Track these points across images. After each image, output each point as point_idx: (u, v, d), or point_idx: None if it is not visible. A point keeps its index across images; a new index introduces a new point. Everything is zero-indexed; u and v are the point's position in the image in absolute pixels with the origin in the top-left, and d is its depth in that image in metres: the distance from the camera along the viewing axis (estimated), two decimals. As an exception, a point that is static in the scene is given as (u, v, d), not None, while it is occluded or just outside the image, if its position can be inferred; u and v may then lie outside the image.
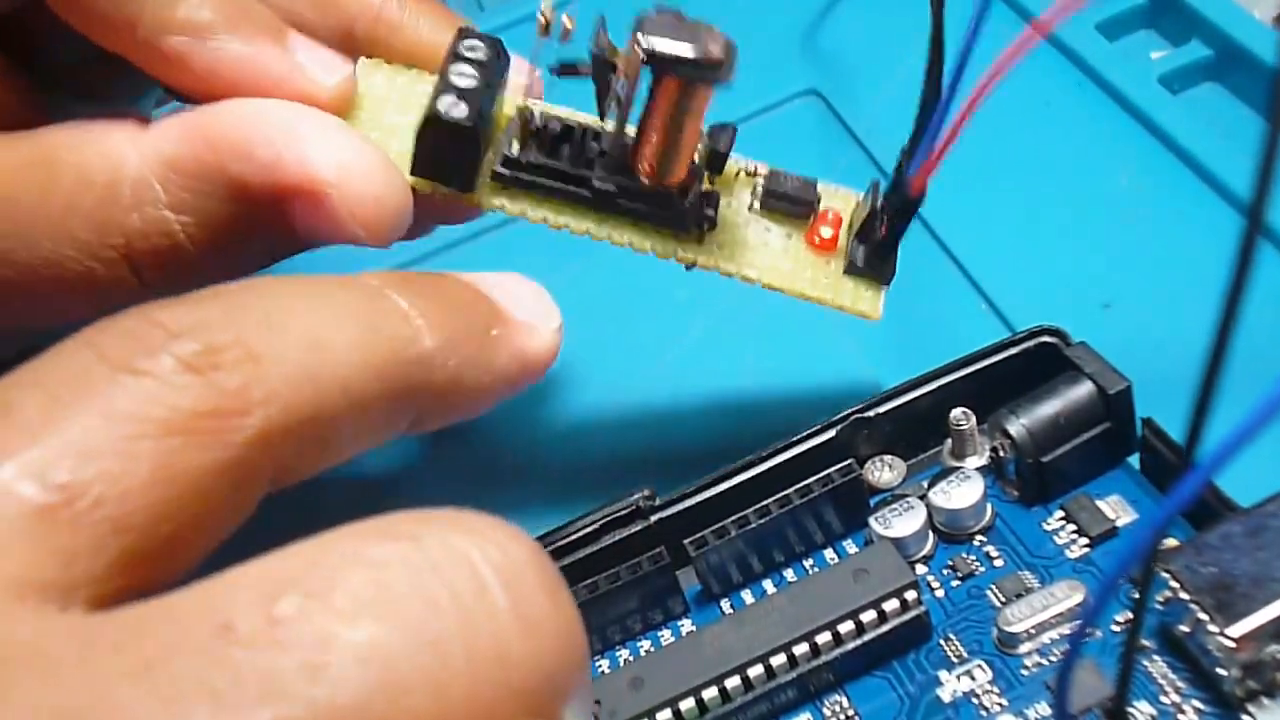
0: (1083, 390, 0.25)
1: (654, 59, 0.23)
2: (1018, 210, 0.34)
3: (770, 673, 0.23)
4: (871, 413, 0.27)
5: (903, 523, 0.25)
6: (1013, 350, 0.27)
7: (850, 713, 0.24)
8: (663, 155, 0.26)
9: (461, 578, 0.15)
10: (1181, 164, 0.34)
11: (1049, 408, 0.25)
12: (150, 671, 0.14)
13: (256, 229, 0.25)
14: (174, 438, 0.16)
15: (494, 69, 0.26)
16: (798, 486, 0.26)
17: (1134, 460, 0.26)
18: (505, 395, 0.23)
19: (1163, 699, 0.22)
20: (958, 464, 0.27)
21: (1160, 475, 0.25)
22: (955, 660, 0.24)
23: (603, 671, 0.26)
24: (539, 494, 0.31)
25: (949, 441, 0.27)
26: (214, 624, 0.14)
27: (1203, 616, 0.21)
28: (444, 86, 0.25)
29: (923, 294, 0.33)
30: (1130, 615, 0.23)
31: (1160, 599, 0.22)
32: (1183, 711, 0.22)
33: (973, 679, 0.23)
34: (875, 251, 0.27)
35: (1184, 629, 0.22)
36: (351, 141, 0.25)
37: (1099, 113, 0.36)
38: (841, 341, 0.32)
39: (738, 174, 0.28)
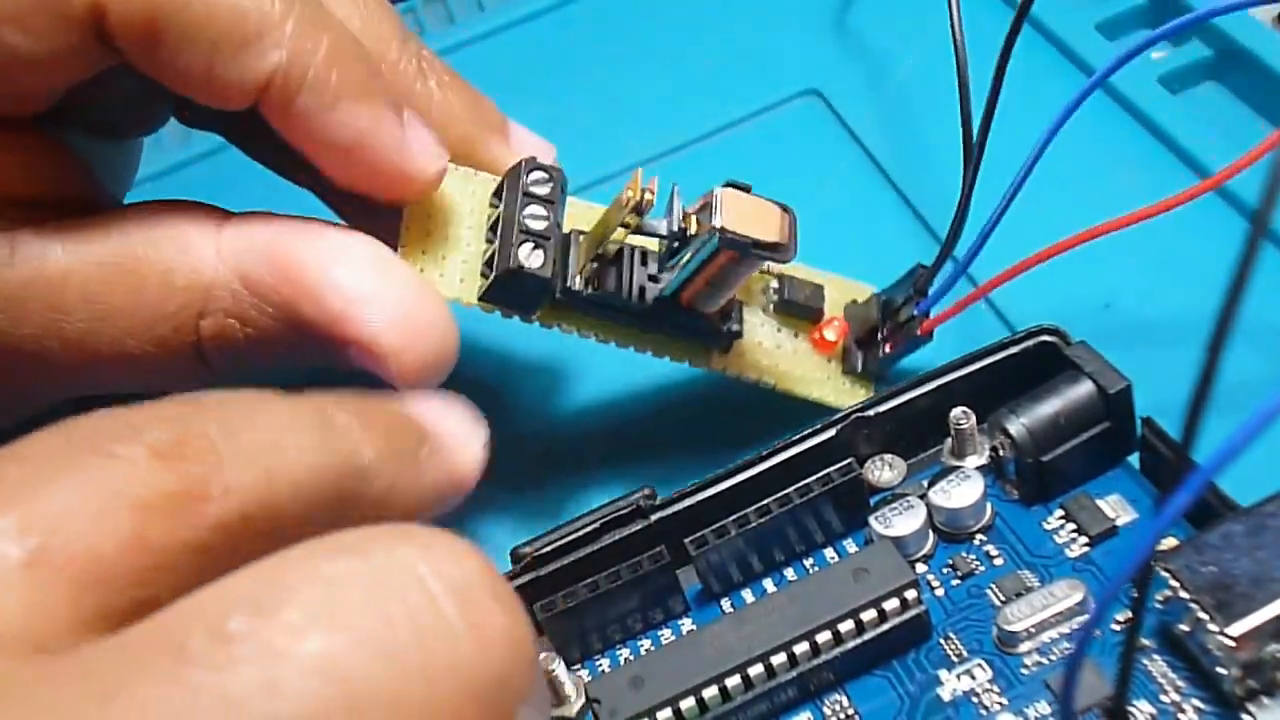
0: (1083, 390, 0.25)
1: (725, 239, 0.26)
2: (1017, 210, 0.34)
3: (770, 672, 0.24)
4: (871, 411, 0.27)
5: (903, 522, 0.25)
6: (1013, 349, 0.27)
7: (850, 712, 0.24)
8: (709, 295, 0.28)
9: (412, 590, 0.16)
10: (1181, 164, 0.34)
11: (1049, 407, 0.25)
12: (112, 698, 0.14)
13: (309, 346, 0.27)
14: (145, 513, 0.17)
15: (559, 201, 0.28)
16: (798, 486, 0.26)
17: (1134, 460, 0.26)
18: (438, 507, 0.24)
19: (1162, 698, 0.22)
20: (958, 463, 0.27)
21: (1160, 474, 0.25)
22: (955, 659, 0.24)
23: (603, 670, 0.26)
24: (540, 493, 0.31)
25: (949, 441, 0.27)
26: (169, 647, 0.15)
27: (1202, 616, 0.21)
28: (521, 232, 0.28)
29: None
30: (1130, 614, 0.23)
31: (1160, 598, 0.22)
32: (1182, 711, 0.22)
33: (973, 678, 0.23)
34: (874, 360, 0.30)
35: (1183, 628, 0.22)
36: (421, 306, 0.26)
37: (1099, 113, 0.36)
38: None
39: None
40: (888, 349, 0.30)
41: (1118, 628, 0.23)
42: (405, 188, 0.27)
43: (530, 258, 0.27)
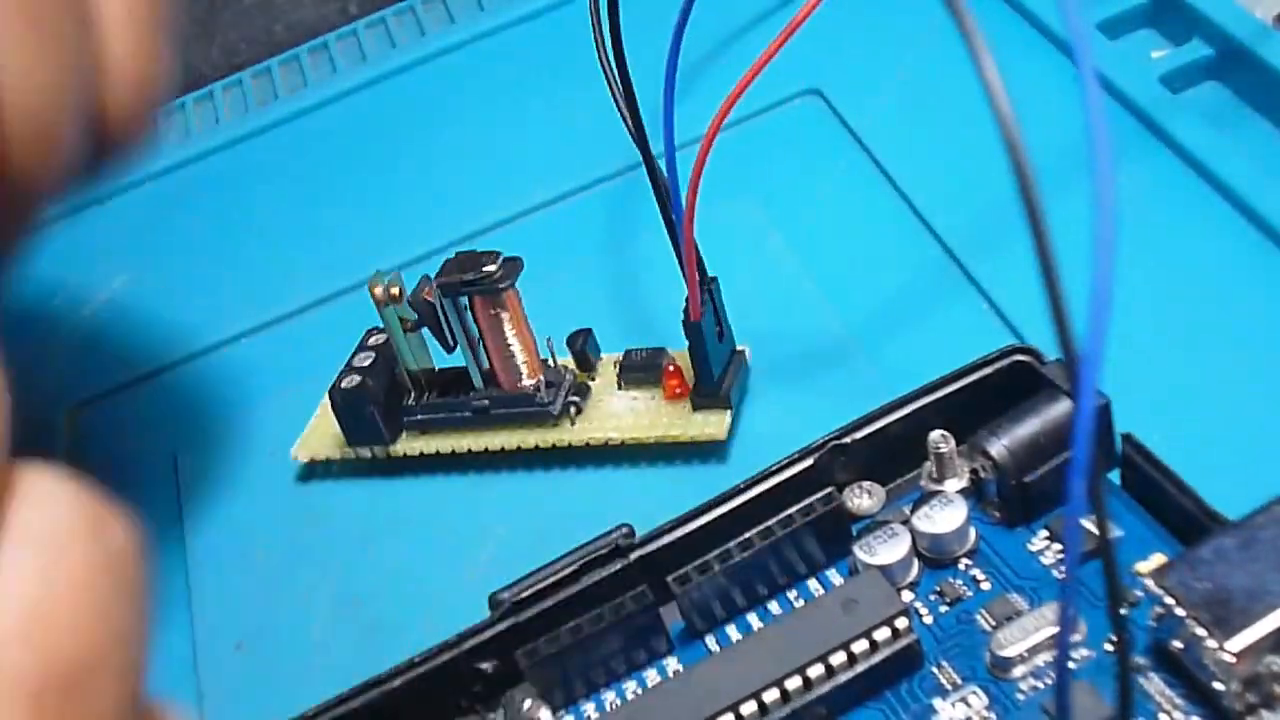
0: (1062, 408, 0.25)
1: (444, 289, 0.30)
2: (1017, 211, 0.34)
3: (763, 709, 0.23)
4: (848, 439, 0.27)
5: (888, 550, 0.25)
6: (986, 370, 0.27)
7: (845, 745, 0.23)
8: (505, 362, 0.32)
9: None
10: (1182, 164, 0.34)
11: (1029, 427, 0.25)
12: None
13: None
14: None
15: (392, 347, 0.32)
16: (779, 517, 0.25)
17: (1114, 476, 0.26)
18: None
19: (1161, 717, 0.22)
20: (938, 487, 0.26)
21: (1142, 490, 0.25)
22: (949, 687, 0.23)
23: (589, 716, 0.25)
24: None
25: (927, 465, 0.27)
26: None
27: (1200, 631, 0.21)
28: (347, 369, 0.33)
29: (923, 295, 0.33)
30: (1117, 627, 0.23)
31: (1153, 615, 0.22)
32: (1183, 728, 0.21)
33: (968, 705, 0.23)
34: (705, 382, 0.31)
35: (1178, 645, 0.22)
36: None
37: None
38: (845, 346, 0.32)
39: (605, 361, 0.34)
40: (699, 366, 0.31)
41: (1110, 648, 0.23)
42: None
43: (347, 381, 0.32)
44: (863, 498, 0.27)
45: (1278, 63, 0.35)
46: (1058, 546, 0.25)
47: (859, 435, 0.27)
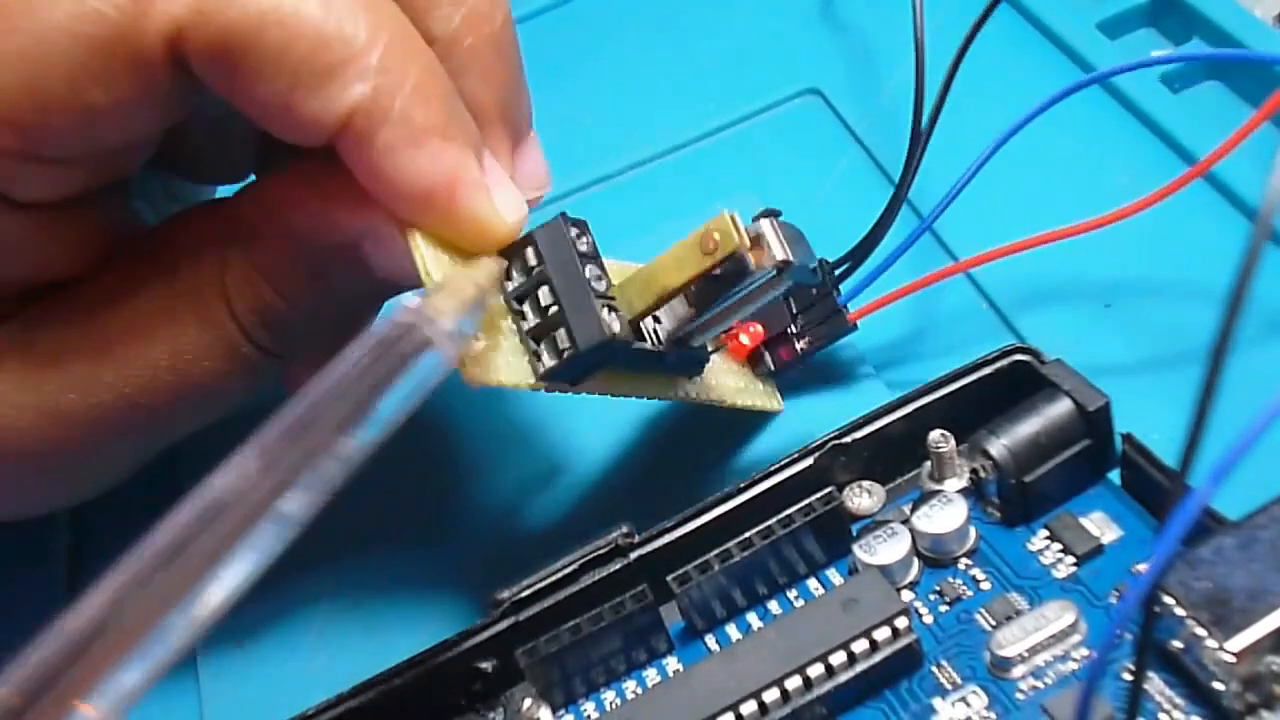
0: (1061, 408, 0.25)
1: (791, 271, 0.25)
2: (1018, 209, 0.34)
3: (764, 708, 0.23)
4: (849, 438, 0.27)
5: (888, 549, 0.25)
6: (986, 370, 0.27)
7: (845, 745, 0.23)
8: (717, 326, 0.27)
9: None
10: (1183, 163, 0.34)
11: (1029, 426, 0.25)
12: None
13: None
14: None
15: (598, 254, 0.26)
16: (779, 517, 0.25)
17: (1114, 476, 0.26)
18: None
19: (1161, 717, 0.22)
20: (937, 487, 0.26)
21: (1142, 490, 0.25)
22: (949, 687, 0.23)
23: (589, 716, 0.25)
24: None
25: (927, 464, 0.27)
26: None
27: (1200, 631, 0.21)
28: (596, 297, 0.25)
29: (924, 294, 0.32)
30: (1123, 635, 0.23)
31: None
32: (1182, 728, 0.21)
33: (968, 705, 0.23)
34: (787, 360, 0.30)
35: (1178, 644, 0.21)
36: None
37: (1099, 112, 0.36)
38: (844, 345, 0.32)
39: None
40: (803, 345, 0.30)
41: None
42: (480, 238, 0.25)
43: (614, 323, 0.25)
44: (863, 497, 0.27)
45: (1278, 63, 0.34)
46: (1058, 546, 0.25)
47: (859, 435, 0.27)
